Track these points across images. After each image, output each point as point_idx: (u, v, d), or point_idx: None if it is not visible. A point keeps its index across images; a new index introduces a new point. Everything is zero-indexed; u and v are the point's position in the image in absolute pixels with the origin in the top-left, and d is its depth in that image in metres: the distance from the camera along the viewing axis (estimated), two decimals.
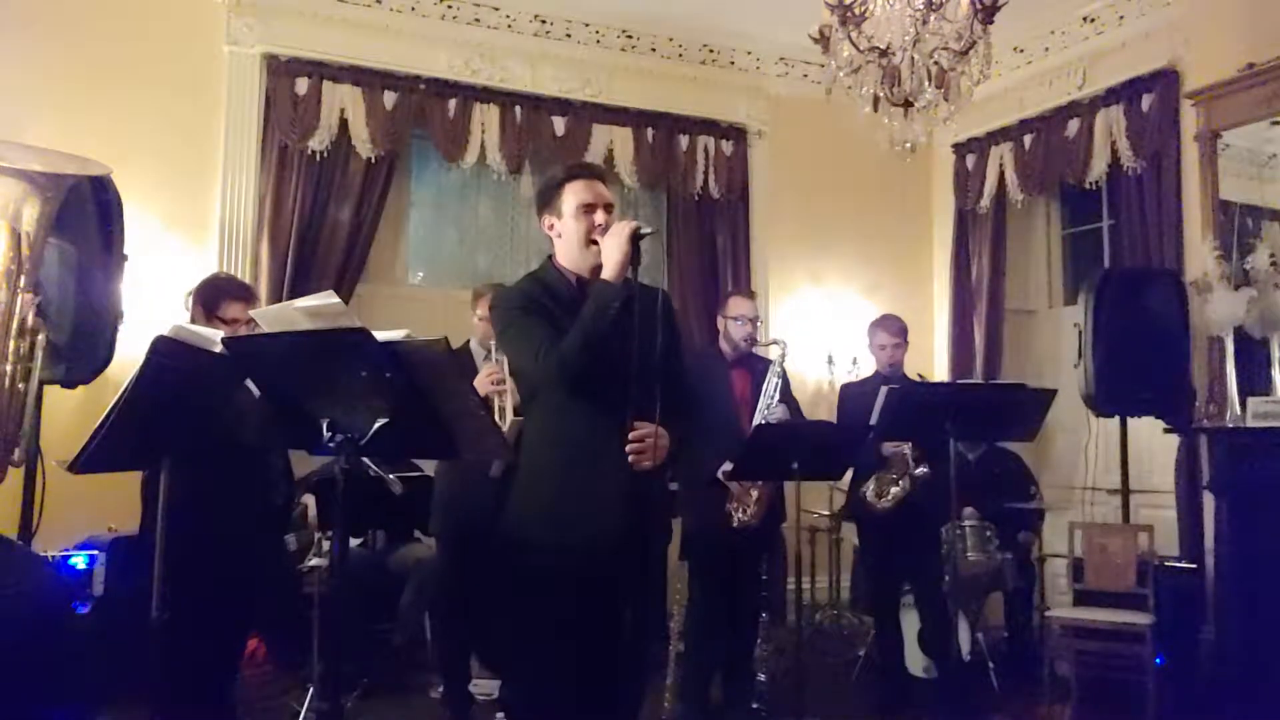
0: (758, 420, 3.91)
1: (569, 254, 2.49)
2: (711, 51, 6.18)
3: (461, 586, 3.83)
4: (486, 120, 5.59)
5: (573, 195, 2.45)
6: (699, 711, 3.96)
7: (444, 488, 3.90)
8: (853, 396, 4.38)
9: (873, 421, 3.79)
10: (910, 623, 4.50)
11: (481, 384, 3.55)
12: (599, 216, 2.43)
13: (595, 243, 2.41)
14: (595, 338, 2.30)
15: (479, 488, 3.43)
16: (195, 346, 2.34)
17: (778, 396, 3.98)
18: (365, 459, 3.30)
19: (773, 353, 4.12)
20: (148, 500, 3.16)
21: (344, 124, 5.27)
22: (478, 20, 5.64)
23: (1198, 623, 4.41)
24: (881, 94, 3.53)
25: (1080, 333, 4.58)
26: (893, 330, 4.44)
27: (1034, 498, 5.10)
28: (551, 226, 2.51)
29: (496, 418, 3.50)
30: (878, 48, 3.46)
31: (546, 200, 2.51)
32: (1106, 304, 4.55)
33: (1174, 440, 4.75)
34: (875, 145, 3.78)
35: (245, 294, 3.31)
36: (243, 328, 3.11)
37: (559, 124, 5.75)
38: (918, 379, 4.48)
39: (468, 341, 3.96)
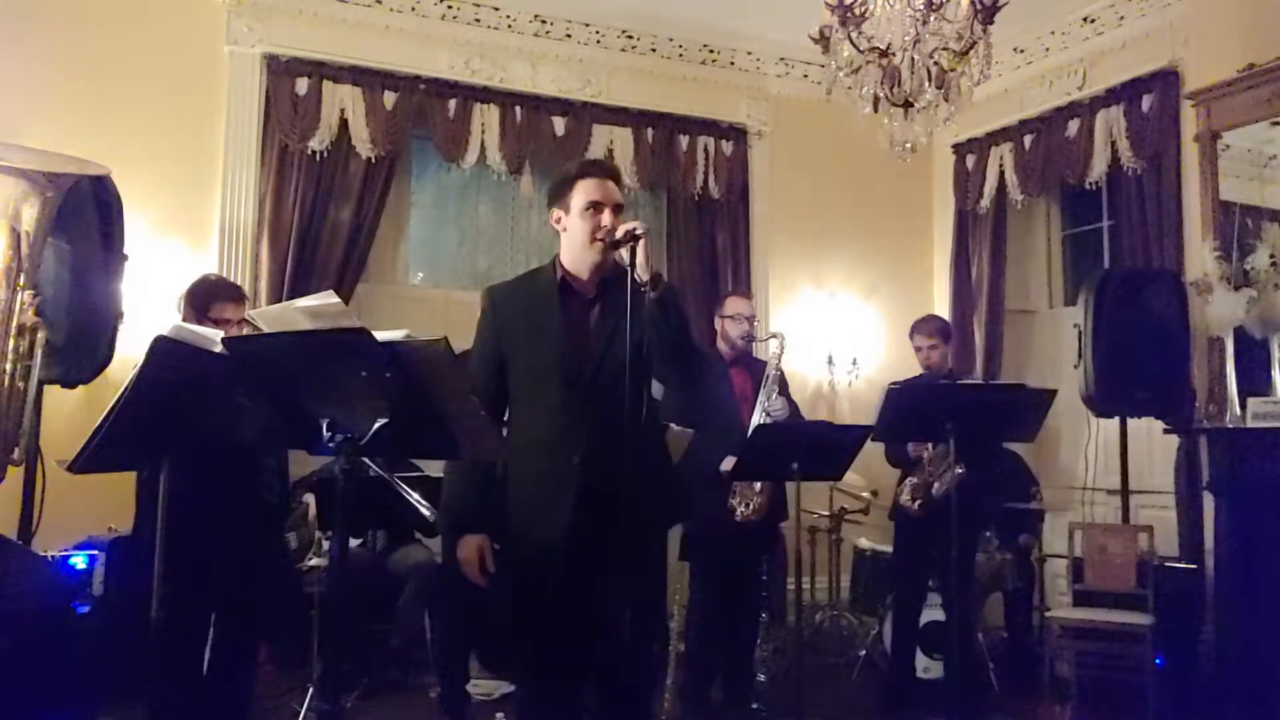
0: (758, 416, 3.92)
1: (571, 250, 2.49)
2: (711, 51, 6.17)
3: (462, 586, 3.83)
4: (486, 120, 5.59)
5: (581, 193, 2.44)
6: (699, 711, 3.96)
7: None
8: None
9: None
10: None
11: None
12: (605, 217, 2.41)
13: (598, 241, 2.41)
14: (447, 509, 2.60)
15: None
16: (195, 346, 2.33)
17: (777, 390, 3.99)
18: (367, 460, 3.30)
19: (771, 346, 4.13)
20: (143, 500, 3.16)
21: (344, 124, 5.27)
22: (478, 20, 5.64)
23: (1197, 623, 4.41)
24: (881, 94, 3.52)
25: (1080, 333, 4.57)
26: (927, 331, 4.44)
27: (1034, 498, 5.10)
28: (559, 221, 2.50)
29: None
30: (878, 48, 3.46)
31: (557, 195, 2.50)
32: (1106, 304, 4.55)
33: (1174, 441, 4.75)
34: (875, 146, 3.77)
35: (235, 294, 3.32)
36: (234, 328, 3.11)
37: (559, 124, 5.75)
38: (947, 379, 4.41)
39: None
